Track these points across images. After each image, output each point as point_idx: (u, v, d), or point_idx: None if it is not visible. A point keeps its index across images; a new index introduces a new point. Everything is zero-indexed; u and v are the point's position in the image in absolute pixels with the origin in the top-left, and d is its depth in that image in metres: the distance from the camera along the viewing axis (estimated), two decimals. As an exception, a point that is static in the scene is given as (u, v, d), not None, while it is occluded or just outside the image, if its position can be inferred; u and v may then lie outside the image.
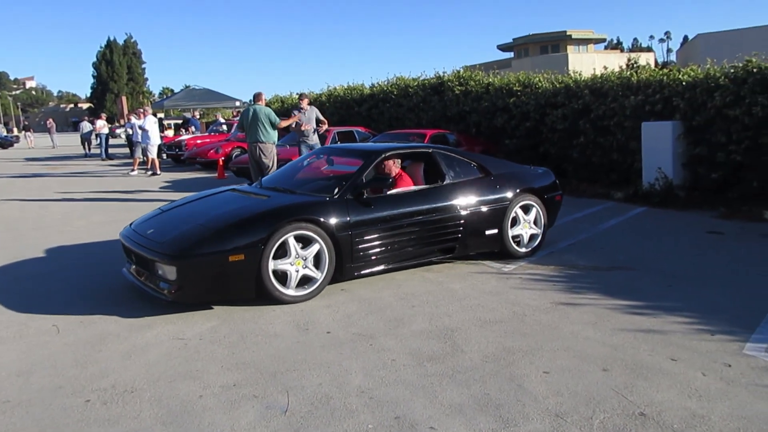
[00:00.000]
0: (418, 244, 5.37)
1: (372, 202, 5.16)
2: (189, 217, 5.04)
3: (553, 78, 11.37)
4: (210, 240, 4.45)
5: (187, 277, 4.39)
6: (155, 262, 4.55)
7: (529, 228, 6.07)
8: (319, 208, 4.85)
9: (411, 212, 5.29)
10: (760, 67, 7.80)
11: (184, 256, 4.38)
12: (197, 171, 16.58)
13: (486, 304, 4.62)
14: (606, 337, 3.91)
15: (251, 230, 4.54)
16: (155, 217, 5.34)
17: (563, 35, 45.17)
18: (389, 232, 5.15)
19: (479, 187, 5.77)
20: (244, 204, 5.11)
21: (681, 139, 8.61)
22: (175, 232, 4.70)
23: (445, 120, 13.24)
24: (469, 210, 5.62)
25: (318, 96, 18.42)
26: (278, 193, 5.40)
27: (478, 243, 5.77)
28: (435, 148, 6.03)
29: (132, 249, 4.87)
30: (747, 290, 4.82)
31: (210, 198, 5.62)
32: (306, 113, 10.79)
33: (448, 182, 5.69)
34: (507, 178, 6.01)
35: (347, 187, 5.15)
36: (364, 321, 4.32)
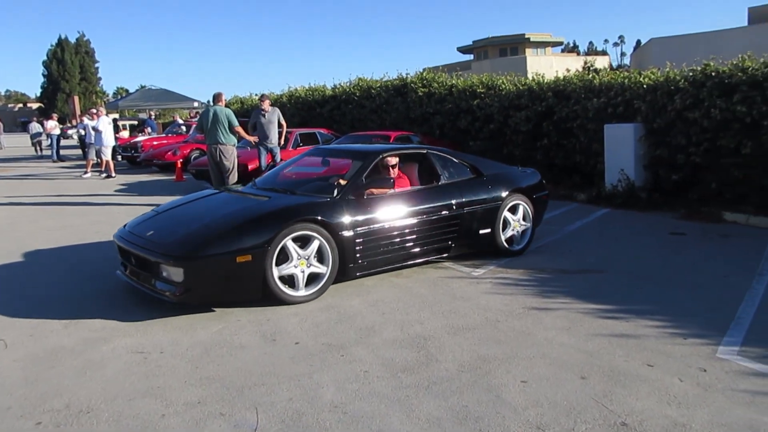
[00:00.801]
0: (416, 243, 5.41)
1: (372, 202, 5.15)
2: (190, 218, 4.99)
3: (517, 80, 11.43)
4: (217, 241, 4.41)
5: (194, 278, 4.34)
6: (160, 264, 4.46)
7: (520, 227, 6.19)
8: (323, 208, 4.86)
9: (410, 212, 5.33)
10: (717, 71, 7.95)
11: (192, 257, 4.33)
12: (154, 173, 16.10)
13: (458, 310, 4.53)
14: (581, 342, 3.85)
15: (258, 231, 4.51)
16: (152, 218, 5.23)
17: (522, 38, 45.80)
18: (390, 232, 5.18)
19: (473, 188, 5.85)
20: (245, 205, 5.08)
21: (642, 141, 8.72)
22: (180, 233, 4.64)
23: (408, 122, 13.17)
24: (465, 210, 5.69)
25: (279, 97, 18.14)
26: (278, 194, 5.37)
27: (472, 242, 5.86)
28: (429, 149, 6.10)
29: (131, 251, 4.76)
30: (714, 292, 4.86)
31: (207, 199, 5.56)
32: (267, 115, 10.56)
33: (443, 182, 5.76)
34: (498, 179, 6.11)
35: (349, 188, 5.15)
36: (334, 330, 4.18)
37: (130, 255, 4.86)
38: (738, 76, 7.60)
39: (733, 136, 7.59)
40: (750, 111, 7.33)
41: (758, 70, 7.48)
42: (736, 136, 7.57)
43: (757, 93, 7.33)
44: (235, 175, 9.69)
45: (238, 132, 9.63)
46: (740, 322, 4.17)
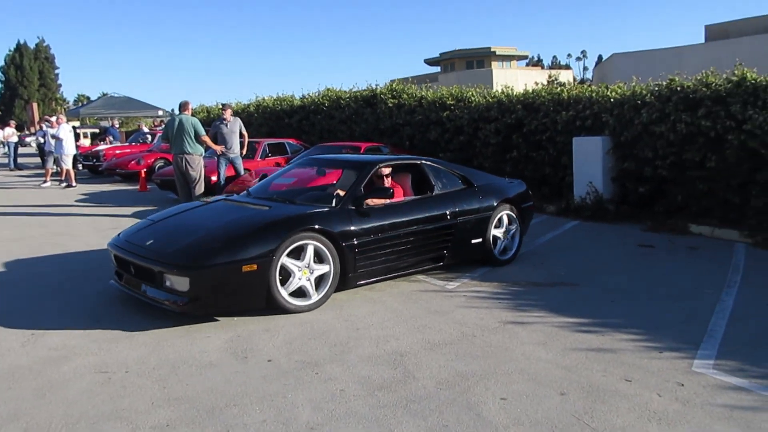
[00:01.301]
0: (412, 253, 5.46)
1: (371, 212, 5.19)
2: (191, 227, 4.93)
3: (486, 93, 11.49)
4: (223, 250, 4.38)
5: (200, 288, 4.29)
6: (164, 274, 4.39)
7: (509, 237, 6.34)
8: (326, 217, 4.89)
9: (406, 222, 5.38)
10: (682, 86, 8.11)
11: (198, 266, 4.28)
12: (116, 183, 15.69)
13: (433, 325, 4.46)
14: (558, 357, 3.82)
15: (263, 240, 4.49)
16: (148, 227, 5.15)
17: (488, 51, 46.38)
18: (388, 241, 5.21)
19: (465, 198, 5.96)
20: (248, 214, 5.04)
21: (610, 154, 8.84)
22: (183, 242, 4.58)
23: (378, 133, 13.13)
24: (458, 220, 5.78)
25: (246, 107, 17.92)
26: (278, 204, 5.36)
27: (464, 251, 5.95)
28: (423, 160, 6.17)
29: (130, 260, 4.70)
30: (685, 304, 4.90)
31: (204, 208, 5.52)
32: (229, 125, 10.39)
33: (437, 193, 5.85)
34: (489, 190, 6.24)
35: (348, 198, 5.19)
36: (307, 346, 4.06)
37: (128, 264, 4.77)
38: (702, 91, 7.76)
39: (698, 150, 7.74)
40: (714, 125, 7.48)
41: (721, 86, 7.65)
42: (700, 149, 7.72)
43: (720, 108, 7.49)
44: (201, 186, 9.49)
45: (204, 141, 9.44)
46: (713, 334, 4.19)
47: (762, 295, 5.12)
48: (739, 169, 7.37)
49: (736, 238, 7.31)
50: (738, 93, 7.39)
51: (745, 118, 7.17)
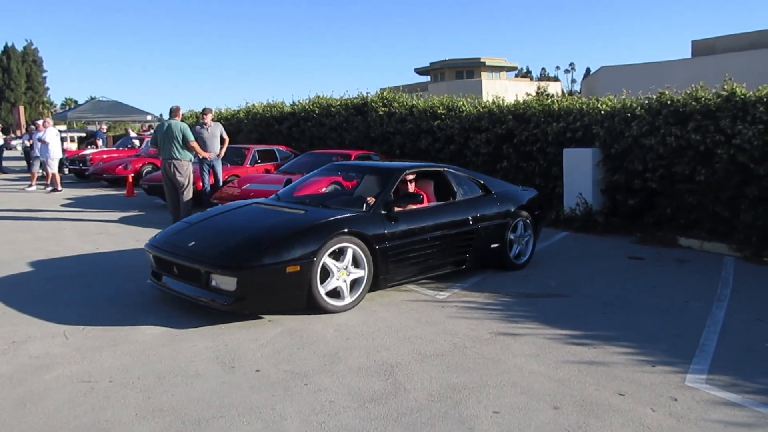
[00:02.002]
0: (437, 256, 5.66)
1: (400, 216, 5.38)
2: (231, 229, 5.10)
3: (477, 102, 11.49)
4: (269, 251, 4.54)
5: (247, 287, 4.45)
6: (210, 274, 4.54)
7: (524, 242, 6.60)
8: (361, 221, 5.07)
9: (432, 226, 5.58)
10: (672, 99, 8.16)
11: (246, 266, 4.44)
12: (103, 188, 15.52)
13: (424, 336, 4.40)
14: (551, 370, 3.78)
15: (305, 242, 4.66)
16: (186, 229, 5.29)
17: (477, 62, 46.58)
18: (416, 245, 5.41)
19: (485, 204, 6.21)
20: (287, 218, 5.20)
21: (600, 166, 8.86)
22: (228, 244, 4.74)
23: (368, 141, 13.09)
24: (479, 225, 6.01)
25: (236, 113, 17.81)
26: (312, 208, 5.51)
27: (484, 255, 6.17)
28: (445, 167, 6.41)
29: (174, 261, 4.85)
30: (676, 317, 4.88)
31: (239, 211, 5.62)
32: (209, 129, 10.31)
33: (459, 199, 6.09)
34: (506, 197, 6.51)
35: (380, 203, 5.39)
36: (296, 356, 3.99)
37: (171, 265, 4.91)
38: (692, 105, 7.81)
39: (687, 163, 7.77)
40: (704, 139, 7.52)
41: (711, 100, 7.70)
42: (690, 163, 7.75)
43: (710, 122, 7.53)
44: (190, 192, 9.39)
45: (193, 147, 9.36)
46: (705, 348, 4.17)
47: (751, 308, 5.12)
48: (728, 182, 7.40)
49: (725, 252, 7.33)
50: (727, 107, 7.44)
51: (735, 132, 7.21)
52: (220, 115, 18.09)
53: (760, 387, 3.56)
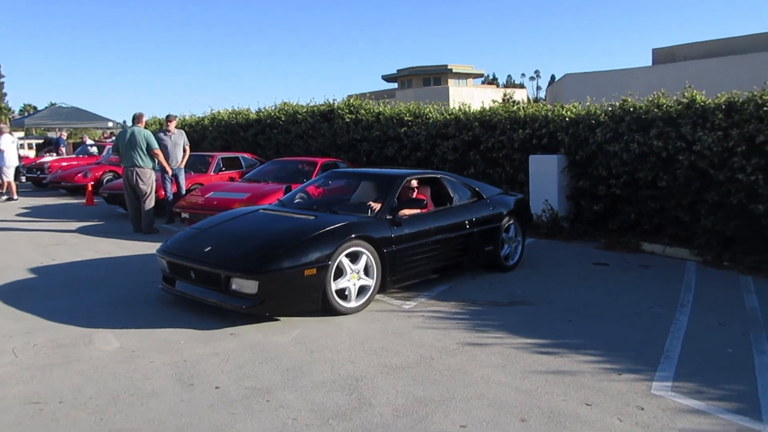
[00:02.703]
0: (438, 258, 5.91)
1: (404, 221, 5.61)
2: (247, 234, 5.22)
3: (444, 109, 11.50)
4: (288, 255, 4.70)
5: (268, 290, 4.59)
6: (231, 278, 4.67)
7: (514, 244, 6.92)
8: (370, 226, 5.28)
9: (434, 230, 5.84)
10: (635, 106, 8.27)
11: (267, 270, 4.59)
12: (61, 196, 15.07)
13: (390, 347, 4.32)
14: (518, 381, 3.73)
15: (320, 246, 4.84)
16: (197, 235, 5.42)
17: (444, 69, 46.88)
18: (419, 248, 5.64)
19: (480, 209, 6.50)
20: (300, 223, 5.33)
21: (565, 172, 8.92)
22: (247, 248, 4.89)
23: (335, 148, 12.98)
24: (476, 228, 6.29)
25: (200, 119, 17.52)
26: (321, 213, 5.68)
27: (479, 258, 6.46)
28: (442, 174, 6.72)
29: (191, 266, 4.97)
30: (641, 324, 4.90)
31: (248, 217, 5.76)
32: (173, 137, 10.09)
33: (456, 204, 6.38)
34: (498, 202, 6.83)
35: (386, 208, 5.62)
36: (258, 371, 3.86)
37: (188, 270, 5.03)
38: (654, 112, 7.92)
39: (650, 169, 7.87)
40: (665, 146, 7.63)
41: (672, 108, 7.82)
42: (653, 169, 7.86)
43: (671, 129, 7.65)
44: (152, 201, 9.18)
45: (156, 155, 9.14)
46: (669, 355, 4.19)
47: (714, 313, 5.18)
48: (689, 188, 7.52)
49: (686, 257, 7.44)
50: (688, 114, 7.57)
51: (695, 139, 7.34)
52: (185, 122, 17.76)
53: (724, 393, 3.57)
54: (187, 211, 8.90)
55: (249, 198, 8.68)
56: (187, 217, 8.90)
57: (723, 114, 7.23)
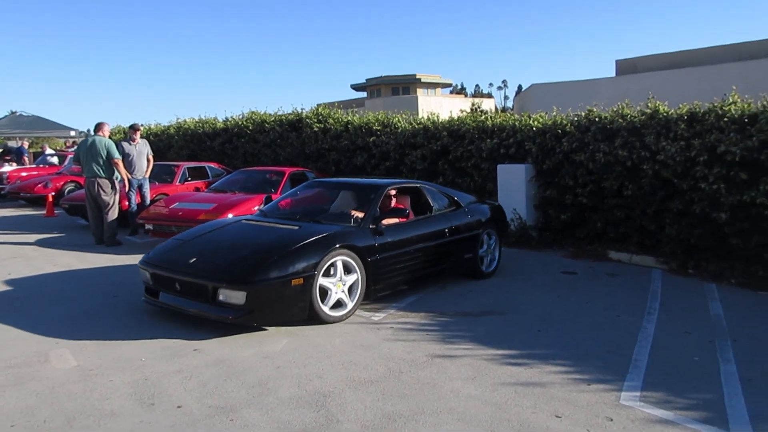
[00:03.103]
0: (419, 266, 5.97)
1: (386, 230, 5.66)
2: (232, 245, 5.21)
3: (412, 119, 11.50)
4: (275, 265, 4.71)
5: (256, 301, 4.60)
6: (218, 288, 4.66)
7: (492, 252, 7.03)
8: (354, 235, 5.33)
9: (415, 239, 5.92)
10: (600, 116, 8.37)
11: (254, 280, 4.59)
12: (20, 208, 14.61)
13: (359, 361, 4.25)
14: (487, 393, 3.69)
15: (307, 256, 4.86)
16: (181, 246, 5.38)
17: (413, 78, 47.12)
18: (402, 257, 5.70)
19: (458, 217, 6.60)
20: (285, 232, 5.34)
21: (533, 181, 8.98)
22: (234, 259, 4.89)
23: (303, 157, 12.88)
24: (455, 237, 6.41)
25: (166, 128, 17.23)
26: (305, 223, 5.69)
27: (458, 265, 6.57)
28: (421, 183, 6.83)
29: (176, 277, 4.94)
30: (609, 332, 4.92)
31: (231, 227, 5.75)
32: (137, 147, 9.86)
33: (436, 213, 6.46)
34: (475, 210, 6.99)
35: (368, 217, 5.67)
36: (223, 389, 3.75)
37: (173, 281, 4.99)
38: (619, 122, 8.03)
39: (615, 178, 7.96)
40: (630, 155, 7.73)
41: (636, 118, 7.94)
42: (618, 178, 7.95)
43: (636, 139, 7.76)
44: (115, 212, 8.94)
45: (116, 165, 8.90)
46: (637, 364, 4.20)
47: (680, 321, 5.23)
48: (653, 197, 7.63)
49: (652, 265, 7.53)
50: (651, 125, 7.69)
51: (659, 148, 7.45)
52: (150, 131, 17.44)
53: (691, 402, 3.58)
54: (150, 223, 8.68)
55: (215, 209, 8.52)
56: (150, 229, 8.69)
57: (685, 124, 7.36)
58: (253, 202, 8.88)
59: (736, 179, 6.69)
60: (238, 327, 4.85)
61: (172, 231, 8.55)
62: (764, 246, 6.61)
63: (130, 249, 8.61)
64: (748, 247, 6.74)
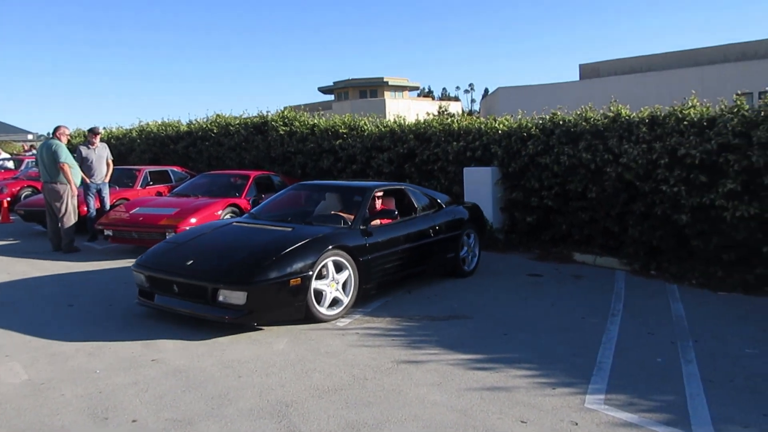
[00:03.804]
0: (406, 265, 6.14)
1: (375, 231, 5.85)
2: (228, 247, 5.31)
3: (379, 122, 11.44)
4: (274, 266, 4.83)
5: (256, 301, 4.71)
6: (218, 290, 4.76)
7: (472, 250, 7.21)
8: (347, 236, 5.50)
9: (401, 239, 6.09)
10: (564, 119, 8.45)
11: (255, 281, 4.70)
12: (-25, 213, 14.08)
13: (323, 368, 4.16)
14: (453, 399, 3.64)
15: (304, 256, 5.00)
16: (175, 249, 5.43)
17: (381, 81, 47.17)
18: (391, 256, 5.88)
19: (441, 218, 6.78)
20: (280, 234, 5.46)
21: (499, 184, 9.02)
22: (233, 260, 5.00)
23: (269, 161, 12.71)
24: (439, 236, 6.58)
25: (128, 132, 16.84)
26: (297, 225, 5.83)
27: (442, 264, 6.76)
28: (406, 186, 7.01)
29: (173, 280, 5.00)
30: (574, 335, 4.93)
31: (223, 230, 5.81)
32: (97, 150, 9.57)
33: (419, 214, 6.61)
34: (456, 211, 7.14)
35: (359, 218, 5.82)
36: (181, 401, 3.62)
37: (170, 284, 5.05)
38: (582, 125, 8.11)
39: (579, 181, 8.04)
40: (594, 158, 7.81)
41: (599, 121, 8.03)
42: (582, 180, 8.03)
43: (599, 142, 7.85)
44: (71, 218, 8.67)
45: (61, 169, 8.53)
46: (602, 367, 4.21)
47: (643, 322, 5.28)
48: (616, 199, 7.71)
49: (616, 266, 7.61)
50: (614, 128, 7.78)
51: (621, 151, 7.54)
52: (111, 134, 17.03)
53: (654, 405, 3.60)
54: (110, 228, 8.44)
55: (177, 213, 8.33)
56: (110, 235, 8.45)
57: (647, 127, 7.47)
58: (217, 206, 8.72)
59: (696, 182, 6.81)
60: (199, 336, 4.74)
61: (132, 237, 8.35)
62: (723, 247, 6.74)
63: (89, 256, 8.36)
64: (707, 249, 6.86)
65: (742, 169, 6.46)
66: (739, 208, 6.42)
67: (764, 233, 6.45)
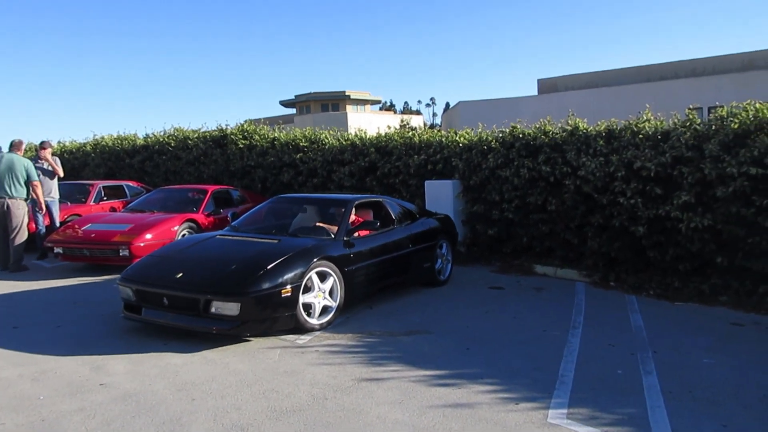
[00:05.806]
0: (386, 275, 6.34)
1: (357, 242, 5.99)
2: (217, 259, 5.35)
3: (340, 135, 11.37)
4: (266, 277, 4.92)
5: (248, 312, 4.77)
6: (211, 301, 4.79)
7: (445, 261, 7.42)
8: (332, 247, 5.65)
9: (382, 249, 6.26)
10: (524, 133, 8.53)
11: (248, 292, 4.78)
12: None
13: (281, 388, 4.03)
14: (415, 418, 3.56)
15: (294, 267, 5.11)
16: (162, 263, 5.43)
17: (342, 95, 47.19)
18: (372, 266, 6.05)
19: (417, 229, 6.98)
20: (269, 246, 5.54)
21: (460, 197, 9.03)
22: (224, 272, 5.03)
23: (228, 175, 12.49)
24: (416, 247, 6.78)
25: (82, 145, 16.36)
26: (283, 237, 5.98)
27: (420, 273, 6.95)
28: (383, 198, 7.17)
29: (164, 293, 4.98)
30: (535, 348, 4.91)
31: (207, 243, 5.84)
32: (46, 165, 9.25)
33: (397, 225, 6.77)
34: (430, 222, 7.33)
35: (342, 230, 5.98)
36: (130, 427, 3.44)
37: (160, 297, 5.03)
38: (541, 138, 8.20)
39: (539, 194, 8.11)
40: (553, 171, 7.90)
41: (558, 134, 8.14)
42: (542, 193, 8.10)
43: (558, 155, 7.94)
44: (24, 234, 8.34)
45: (34, 188, 8.32)
46: (564, 380, 4.18)
47: (603, 334, 5.30)
48: (575, 211, 7.80)
49: (576, 278, 7.68)
50: (572, 141, 7.89)
51: (579, 164, 7.64)
52: (65, 148, 16.50)
53: (616, 418, 3.58)
54: (60, 246, 8.11)
55: (131, 230, 8.08)
56: (60, 252, 8.12)
57: (603, 141, 7.59)
58: (173, 221, 8.49)
59: (652, 194, 6.93)
60: (152, 358, 4.55)
61: (83, 254, 8.06)
62: (679, 258, 6.86)
63: (37, 275, 8.02)
64: (664, 260, 6.98)
65: (696, 182, 6.60)
66: (693, 220, 6.55)
67: (717, 244, 6.60)
